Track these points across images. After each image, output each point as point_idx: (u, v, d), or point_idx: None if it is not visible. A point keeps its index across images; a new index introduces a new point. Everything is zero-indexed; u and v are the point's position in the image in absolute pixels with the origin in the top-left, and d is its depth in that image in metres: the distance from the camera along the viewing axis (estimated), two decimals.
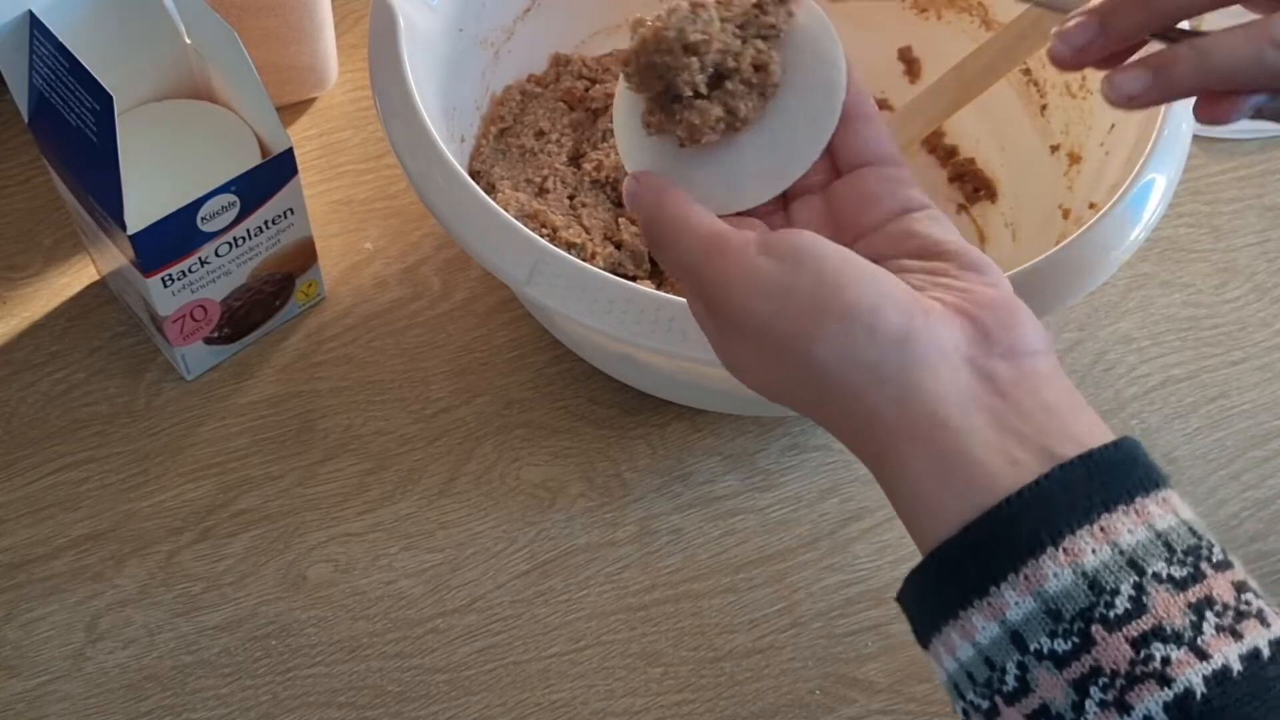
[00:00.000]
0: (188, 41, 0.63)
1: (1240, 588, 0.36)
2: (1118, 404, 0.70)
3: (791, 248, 0.41)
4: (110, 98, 0.53)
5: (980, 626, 0.37)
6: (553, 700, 0.59)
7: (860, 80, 0.47)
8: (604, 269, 0.63)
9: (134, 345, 0.68)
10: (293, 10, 0.70)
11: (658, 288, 0.66)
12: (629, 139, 0.48)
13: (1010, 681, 0.36)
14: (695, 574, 0.63)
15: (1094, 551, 0.36)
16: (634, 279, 0.66)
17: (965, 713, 0.38)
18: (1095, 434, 0.38)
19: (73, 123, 0.56)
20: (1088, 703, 0.35)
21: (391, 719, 0.58)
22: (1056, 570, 0.36)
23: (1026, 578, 0.36)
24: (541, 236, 0.59)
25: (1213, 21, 0.46)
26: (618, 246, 0.67)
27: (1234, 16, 0.45)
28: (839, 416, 0.41)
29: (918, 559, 0.66)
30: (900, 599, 0.41)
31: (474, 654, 0.60)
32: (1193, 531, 0.37)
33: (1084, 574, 0.36)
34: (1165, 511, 0.37)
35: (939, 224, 0.44)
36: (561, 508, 0.64)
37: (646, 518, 0.64)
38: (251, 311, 0.66)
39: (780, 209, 0.47)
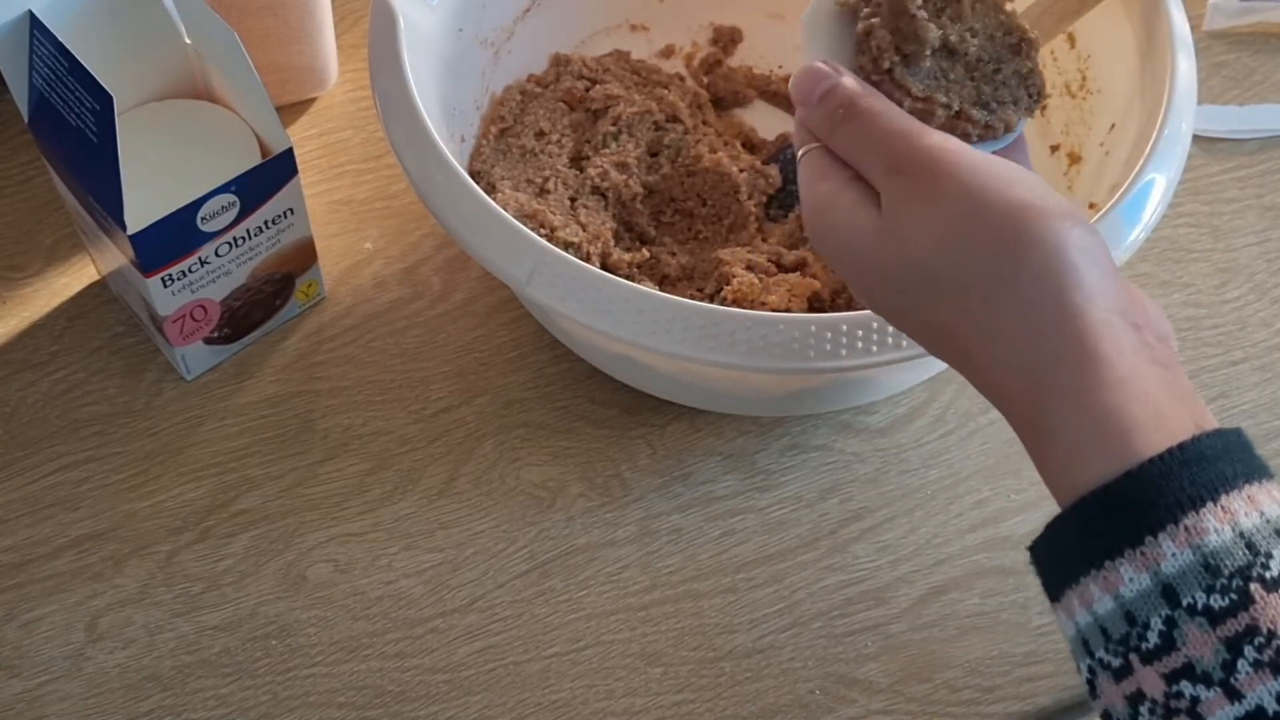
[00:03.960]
0: (188, 41, 0.63)
1: None
2: None
3: (1002, 163, 0.43)
4: (110, 98, 0.53)
5: (1128, 578, 0.36)
6: (553, 700, 0.59)
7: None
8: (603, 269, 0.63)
9: (134, 345, 0.68)
10: (293, 10, 0.70)
11: (658, 288, 0.66)
12: (821, 39, 0.48)
13: (1153, 638, 0.36)
14: (695, 574, 0.63)
15: (1246, 514, 0.36)
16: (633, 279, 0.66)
17: (1091, 671, 0.38)
18: (1213, 421, 0.40)
19: (73, 123, 0.56)
20: (1240, 662, 0.35)
21: (391, 719, 0.58)
22: (1217, 526, 0.36)
23: (1187, 529, 0.36)
24: (540, 236, 0.59)
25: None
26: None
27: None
28: (1009, 335, 0.41)
29: (919, 558, 0.65)
30: (1033, 548, 0.40)
31: (474, 654, 0.60)
32: None
33: (1241, 533, 0.36)
34: None
35: None
36: (561, 508, 0.64)
37: (646, 518, 0.64)
38: (251, 311, 0.66)
39: None
